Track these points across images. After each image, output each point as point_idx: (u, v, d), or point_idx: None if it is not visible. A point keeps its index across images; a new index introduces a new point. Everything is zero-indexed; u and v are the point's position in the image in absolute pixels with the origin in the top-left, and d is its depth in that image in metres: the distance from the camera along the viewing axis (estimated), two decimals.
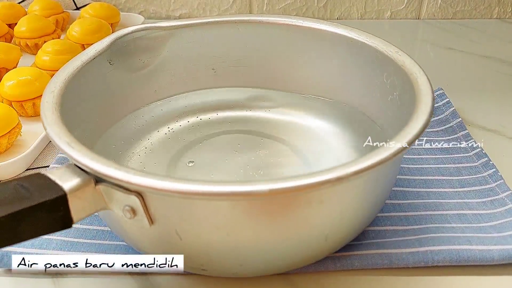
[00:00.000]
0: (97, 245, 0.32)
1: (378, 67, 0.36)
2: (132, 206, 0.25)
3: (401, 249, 0.31)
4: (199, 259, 0.27)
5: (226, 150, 0.38)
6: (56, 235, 0.32)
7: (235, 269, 0.28)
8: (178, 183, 0.23)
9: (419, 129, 0.27)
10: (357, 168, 0.24)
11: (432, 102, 0.29)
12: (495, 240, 0.32)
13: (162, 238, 0.27)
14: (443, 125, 0.44)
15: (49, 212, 0.24)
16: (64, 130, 0.27)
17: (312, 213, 0.25)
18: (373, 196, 0.28)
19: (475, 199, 0.36)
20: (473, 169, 0.38)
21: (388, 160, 0.25)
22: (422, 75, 0.32)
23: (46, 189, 0.24)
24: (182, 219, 0.25)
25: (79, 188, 0.25)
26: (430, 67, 0.37)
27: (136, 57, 0.39)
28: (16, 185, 0.24)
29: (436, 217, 0.34)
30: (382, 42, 0.36)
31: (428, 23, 0.69)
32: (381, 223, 0.33)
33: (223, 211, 0.25)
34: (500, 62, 0.57)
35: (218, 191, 0.23)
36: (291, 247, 0.27)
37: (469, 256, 0.31)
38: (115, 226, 0.29)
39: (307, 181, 0.23)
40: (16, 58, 0.51)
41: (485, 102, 0.49)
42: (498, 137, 0.44)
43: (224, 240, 0.26)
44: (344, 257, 0.31)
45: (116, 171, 0.24)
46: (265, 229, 0.25)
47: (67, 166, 0.26)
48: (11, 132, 0.39)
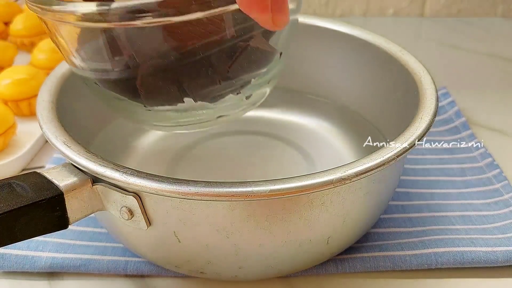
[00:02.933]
0: (94, 247, 0.31)
1: (381, 66, 0.36)
2: (129, 207, 0.25)
3: (404, 251, 0.31)
4: (198, 262, 0.27)
5: (226, 150, 0.38)
6: (52, 237, 0.32)
7: (234, 272, 0.27)
8: (176, 184, 0.23)
9: (423, 129, 0.27)
10: (360, 169, 0.24)
11: (436, 103, 0.29)
12: (499, 241, 0.31)
13: (160, 240, 0.26)
14: (447, 124, 0.43)
15: (45, 211, 0.24)
16: (60, 129, 0.27)
17: (313, 215, 0.25)
18: (376, 198, 0.28)
19: (479, 200, 0.35)
20: (477, 169, 0.38)
21: (392, 160, 0.25)
22: (426, 75, 0.32)
23: (43, 188, 0.24)
24: (181, 220, 0.25)
25: (76, 187, 0.25)
26: (433, 65, 0.37)
27: None
28: (11, 184, 0.24)
29: (440, 218, 0.33)
30: (385, 40, 0.36)
31: (431, 20, 0.68)
32: (384, 225, 0.33)
33: (223, 212, 0.24)
34: (504, 60, 0.57)
35: (218, 192, 0.23)
36: (292, 250, 0.26)
37: (473, 257, 0.30)
38: (112, 227, 0.28)
39: (308, 181, 0.23)
40: (11, 57, 0.51)
41: (490, 101, 0.49)
42: (502, 137, 0.43)
43: (224, 242, 0.25)
44: (346, 260, 0.30)
45: (113, 171, 0.24)
46: (265, 231, 0.25)
47: (64, 166, 0.26)
48: (6, 132, 0.39)
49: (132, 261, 0.30)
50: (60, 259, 0.30)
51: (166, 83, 0.24)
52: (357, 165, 0.24)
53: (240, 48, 0.24)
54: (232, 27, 0.23)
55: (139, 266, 0.30)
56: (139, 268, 0.30)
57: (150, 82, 0.24)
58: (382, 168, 0.24)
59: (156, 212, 0.25)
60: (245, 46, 0.24)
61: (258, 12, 0.19)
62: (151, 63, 0.23)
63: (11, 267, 0.30)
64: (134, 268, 0.30)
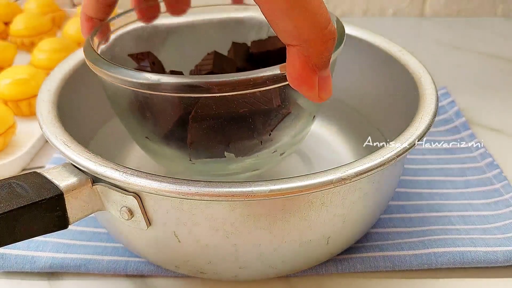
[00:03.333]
0: (93, 247, 0.31)
1: (380, 66, 0.36)
2: (129, 207, 0.25)
3: (404, 251, 0.31)
4: (198, 262, 0.27)
5: None
6: (52, 237, 0.32)
7: (234, 272, 0.27)
8: (176, 184, 0.23)
9: (423, 129, 0.27)
10: (360, 169, 0.24)
11: (436, 103, 0.29)
12: (499, 241, 0.31)
13: (160, 240, 0.26)
14: (447, 124, 0.43)
15: (45, 211, 0.24)
16: (60, 129, 0.27)
17: (313, 215, 0.25)
18: (376, 198, 0.28)
19: (479, 200, 0.35)
20: (477, 169, 0.38)
21: (392, 160, 0.25)
22: (426, 75, 0.32)
23: (43, 188, 0.24)
24: (181, 220, 0.25)
25: (76, 187, 0.24)
26: (433, 65, 0.37)
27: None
28: (12, 184, 0.24)
29: (440, 218, 0.33)
30: (385, 40, 0.36)
31: (431, 20, 0.68)
32: (384, 225, 0.33)
33: (223, 212, 0.24)
34: (504, 60, 0.57)
35: (218, 192, 0.23)
36: (292, 250, 0.26)
37: (474, 258, 0.30)
38: (112, 227, 0.28)
39: (308, 182, 0.23)
40: (11, 57, 0.51)
41: (490, 101, 0.49)
42: (502, 137, 0.43)
43: (224, 242, 0.25)
44: (346, 260, 0.30)
45: (113, 171, 0.24)
46: (265, 231, 0.25)
47: (64, 166, 0.26)
48: (6, 132, 0.39)
49: (132, 261, 0.30)
50: (60, 259, 0.30)
51: (214, 143, 0.26)
52: (357, 165, 0.24)
53: (283, 115, 0.27)
54: (279, 97, 0.26)
55: (139, 266, 0.30)
56: (139, 268, 0.30)
57: (199, 141, 0.26)
58: (382, 168, 0.24)
59: (156, 212, 0.25)
60: (287, 113, 0.27)
61: (306, 89, 0.22)
62: (203, 125, 0.25)
63: (11, 267, 0.30)
64: (134, 268, 0.30)
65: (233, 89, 0.23)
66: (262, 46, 0.32)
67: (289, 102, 0.27)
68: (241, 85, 0.23)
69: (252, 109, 0.25)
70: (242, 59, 0.32)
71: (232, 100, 0.25)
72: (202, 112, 0.25)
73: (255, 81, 0.23)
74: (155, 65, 0.31)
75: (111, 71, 0.25)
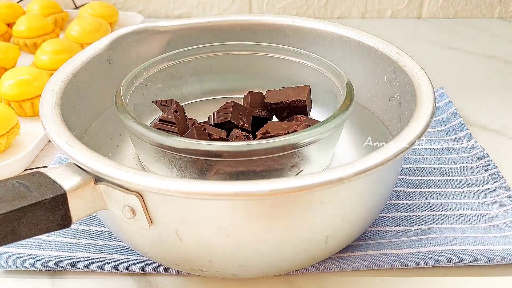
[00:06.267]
0: (96, 245, 0.32)
1: (378, 68, 0.36)
2: (131, 206, 0.25)
3: (402, 249, 0.31)
4: (199, 260, 0.27)
5: None
6: (55, 236, 0.32)
7: (235, 270, 0.28)
8: (178, 183, 0.23)
9: (421, 129, 0.27)
10: (358, 169, 0.24)
11: (434, 103, 0.29)
12: (496, 240, 0.31)
13: (162, 238, 0.26)
14: (444, 125, 0.43)
15: (49, 210, 0.24)
16: (63, 129, 0.27)
17: (312, 214, 0.25)
18: (374, 197, 0.28)
19: (476, 199, 0.35)
20: (474, 169, 0.38)
21: (390, 160, 0.25)
22: (423, 76, 0.32)
23: (46, 188, 0.24)
24: (182, 219, 0.25)
25: (79, 187, 0.25)
26: (431, 66, 0.37)
27: (135, 56, 0.38)
28: (15, 183, 0.24)
29: (438, 217, 0.34)
30: (382, 42, 0.36)
31: (429, 22, 0.69)
32: (382, 224, 0.33)
33: (224, 211, 0.25)
34: (501, 61, 0.57)
35: (219, 191, 0.23)
36: (291, 249, 0.27)
37: (471, 256, 0.30)
38: (115, 226, 0.29)
39: (308, 181, 0.23)
40: (14, 58, 0.51)
41: (486, 101, 0.49)
42: (499, 137, 0.44)
43: (224, 240, 0.25)
44: (344, 258, 0.31)
45: (116, 170, 0.24)
46: (265, 230, 0.25)
47: (67, 165, 0.26)
48: (10, 132, 0.39)
49: (134, 259, 0.31)
50: (62, 257, 0.31)
51: (232, 178, 0.30)
52: (356, 164, 0.24)
53: (296, 172, 0.31)
54: (293, 159, 0.30)
55: (141, 264, 0.30)
56: (141, 266, 0.30)
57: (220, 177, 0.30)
58: (380, 168, 0.24)
59: (158, 211, 0.25)
60: (299, 171, 0.31)
61: None
62: (223, 177, 0.29)
63: (14, 265, 0.30)
64: (136, 266, 0.30)
65: (254, 155, 0.27)
66: (276, 97, 0.35)
67: (302, 161, 0.30)
68: (261, 153, 0.27)
69: (268, 169, 0.29)
70: (257, 106, 0.36)
71: (251, 162, 0.28)
72: (223, 171, 0.29)
73: (274, 149, 0.27)
74: (177, 113, 0.33)
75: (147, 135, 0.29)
